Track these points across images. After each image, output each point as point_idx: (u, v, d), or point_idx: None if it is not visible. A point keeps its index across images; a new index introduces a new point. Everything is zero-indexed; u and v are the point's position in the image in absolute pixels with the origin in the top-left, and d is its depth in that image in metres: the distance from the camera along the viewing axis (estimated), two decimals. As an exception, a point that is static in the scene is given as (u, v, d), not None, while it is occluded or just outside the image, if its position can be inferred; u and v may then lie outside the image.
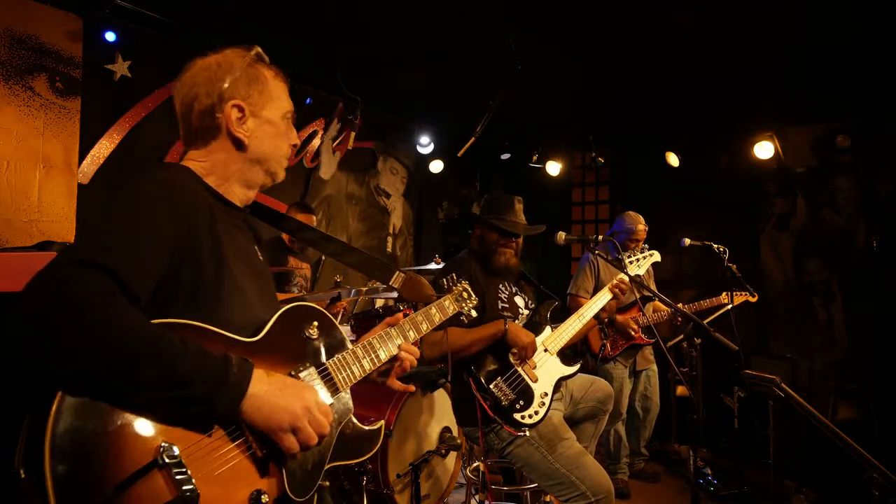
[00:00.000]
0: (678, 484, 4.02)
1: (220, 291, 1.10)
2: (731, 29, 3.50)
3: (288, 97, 1.32)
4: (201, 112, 1.20)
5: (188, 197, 1.10)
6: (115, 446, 0.88)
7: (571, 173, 6.25)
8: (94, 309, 0.87)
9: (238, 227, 1.25)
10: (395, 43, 3.86)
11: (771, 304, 4.84)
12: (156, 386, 0.90)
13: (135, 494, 0.87)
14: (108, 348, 0.87)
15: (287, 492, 1.07)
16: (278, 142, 1.28)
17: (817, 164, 4.72)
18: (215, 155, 1.22)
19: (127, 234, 0.99)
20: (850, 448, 1.70)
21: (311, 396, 1.08)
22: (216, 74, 1.22)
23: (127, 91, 3.41)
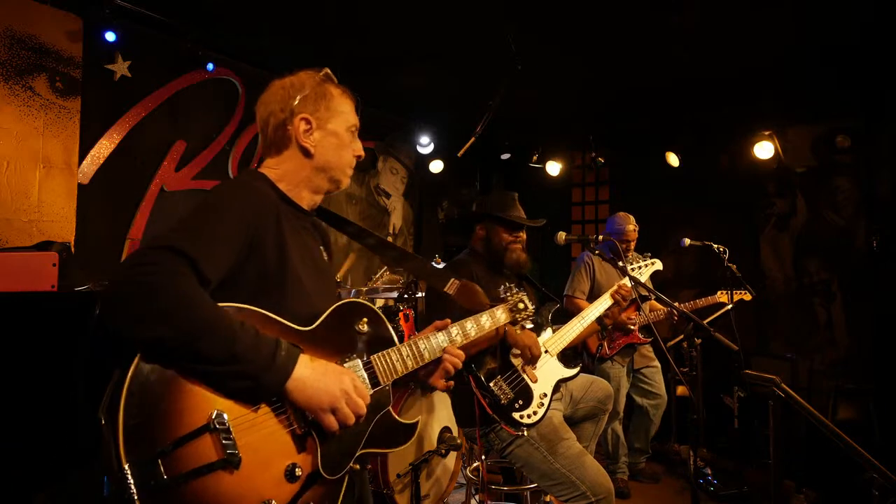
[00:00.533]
0: (678, 484, 4.02)
1: (282, 283, 1.25)
2: (731, 29, 3.50)
3: (353, 112, 1.48)
4: (275, 125, 1.38)
5: (259, 198, 1.27)
6: (176, 407, 1.02)
7: (571, 173, 6.25)
8: (167, 286, 1.02)
9: (305, 229, 1.40)
10: (395, 43, 3.86)
11: (771, 304, 4.85)
12: (213, 359, 1.04)
13: (186, 451, 1.01)
14: (175, 320, 1.01)
15: (319, 468, 1.16)
16: (342, 152, 1.43)
17: (817, 164, 4.72)
18: (287, 163, 1.39)
19: (203, 227, 1.15)
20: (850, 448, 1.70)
21: (348, 381, 1.19)
22: (289, 93, 1.39)
23: (127, 91, 3.41)
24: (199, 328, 1.03)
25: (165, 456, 0.98)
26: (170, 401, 1.02)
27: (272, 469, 1.10)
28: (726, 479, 3.86)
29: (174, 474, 0.98)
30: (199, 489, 1.00)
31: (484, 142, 4.55)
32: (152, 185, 3.54)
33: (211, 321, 1.05)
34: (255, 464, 1.07)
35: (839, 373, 4.41)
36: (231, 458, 1.03)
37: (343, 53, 3.94)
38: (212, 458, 1.02)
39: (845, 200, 4.60)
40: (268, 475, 1.09)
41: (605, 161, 5.49)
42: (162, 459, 0.97)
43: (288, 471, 1.12)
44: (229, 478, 1.03)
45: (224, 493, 1.02)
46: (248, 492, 1.05)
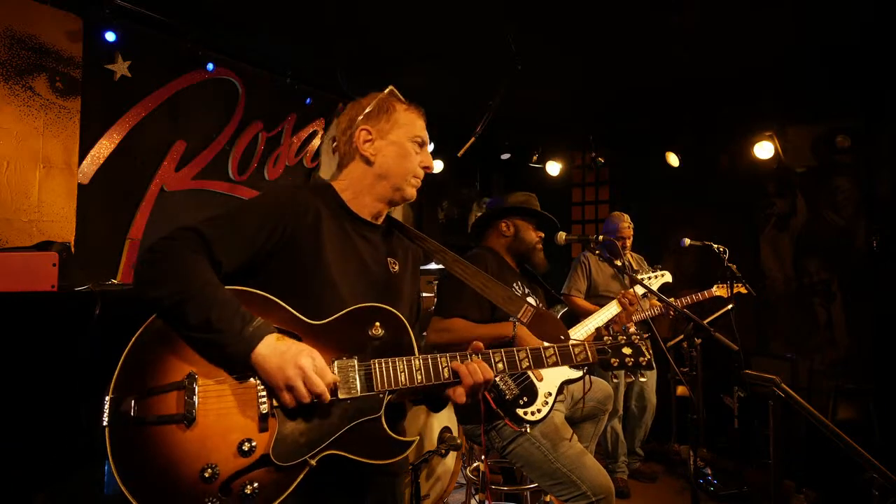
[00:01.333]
0: (678, 484, 4.02)
1: (312, 281, 1.33)
2: (731, 29, 3.51)
3: (420, 126, 1.55)
4: (344, 140, 1.52)
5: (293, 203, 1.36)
6: (164, 362, 1.19)
7: (571, 173, 6.25)
8: (175, 256, 1.20)
9: (362, 237, 1.46)
10: (395, 43, 3.86)
11: (771, 304, 4.85)
12: (192, 325, 1.16)
13: (157, 399, 1.16)
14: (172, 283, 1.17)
15: (269, 452, 1.17)
16: (403, 161, 1.49)
17: (817, 164, 4.72)
18: (353, 173, 1.50)
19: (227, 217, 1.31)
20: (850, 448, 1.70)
21: (306, 361, 1.20)
22: (356, 110, 1.52)
23: (127, 91, 3.41)
24: (187, 292, 1.16)
25: (140, 398, 1.14)
26: (161, 355, 1.18)
27: (227, 439, 1.16)
28: (726, 479, 3.86)
29: (140, 415, 1.13)
30: (156, 435, 1.13)
31: (484, 142, 4.55)
32: (152, 185, 3.54)
33: (200, 289, 1.18)
34: (212, 428, 1.16)
35: (839, 373, 4.41)
36: (187, 416, 1.14)
37: (343, 53, 3.94)
38: (171, 411, 1.15)
39: (845, 200, 4.60)
40: (222, 443, 1.16)
41: (605, 161, 5.49)
42: (136, 400, 1.13)
43: (241, 444, 1.16)
44: (183, 434, 1.14)
45: (175, 446, 1.13)
46: (197, 452, 1.14)
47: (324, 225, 1.36)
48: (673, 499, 3.80)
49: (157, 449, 1.12)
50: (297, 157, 4.48)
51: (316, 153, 4.70)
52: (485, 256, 2.50)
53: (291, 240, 1.32)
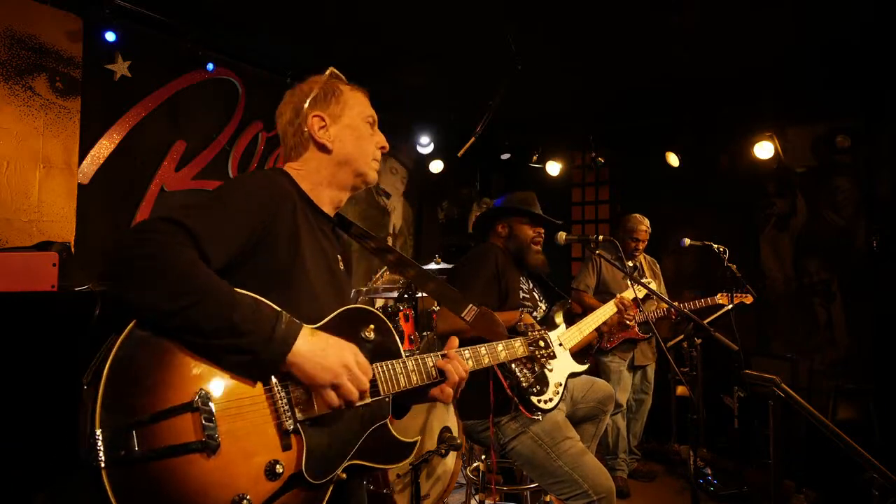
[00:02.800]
0: (678, 484, 4.02)
1: (290, 279, 1.21)
2: (731, 29, 3.51)
3: (368, 105, 1.47)
4: (293, 131, 1.40)
5: (276, 190, 1.25)
6: (162, 380, 0.98)
7: (571, 173, 6.25)
8: (165, 253, 1.00)
9: (323, 232, 1.37)
10: (395, 43, 3.86)
11: (771, 304, 4.85)
12: (209, 330, 1.00)
13: (164, 426, 0.95)
14: (170, 285, 0.98)
15: (303, 469, 1.08)
16: (361, 143, 1.41)
17: (817, 164, 4.72)
18: (308, 164, 1.39)
19: (211, 207, 1.14)
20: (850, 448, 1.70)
21: (350, 355, 1.14)
22: (299, 98, 1.42)
23: (127, 91, 3.41)
24: (195, 294, 0.99)
25: (141, 427, 0.92)
26: (158, 372, 0.98)
27: (252, 463, 1.03)
28: (726, 479, 3.86)
29: (147, 448, 0.92)
30: (171, 469, 0.94)
31: (484, 142, 4.55)
32: (152, 185, 3.54)
33: (208, 288, 1.01)
34: (235, 453, 1.00)
35: (839, 373, 4.41)
36: (209, 442, 0.97)
37: (343, 53, 3.94)
38: (189, 438, 0.96)
39: (845, 200, 4.60)
40: (246, 468, 1.02)
41: (605, 161, 5.49)
42: (137, 430, 0.92)
43: (269, 467, 1.04)
44: (204, 463, 0.97)
45: (196, 478, 0.96)
46: (223, 481, 0.98)
47: (299, 216, 1.26)
48: (673, 499, 3.80)
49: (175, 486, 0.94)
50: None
51: (316, 153, 4.70)
52: (493, 249, 2.55)
53: (272, 232, 1.19)
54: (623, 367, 3.92)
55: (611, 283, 4.02)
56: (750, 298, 3.85)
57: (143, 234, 1.02)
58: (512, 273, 2.51)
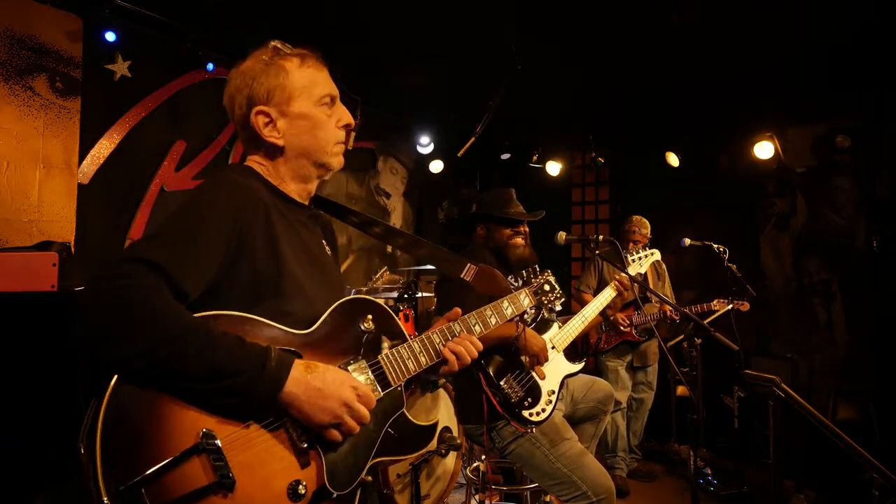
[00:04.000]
0: (678, 484, 4.02)
1: (278, 285, 1.14)
2: (731, 29, 3.50)
3: (323, 80, 1.28)
4: (242, 124, 1.26)
5: (243, 195, 1.15)
6: (160, 430, 0.93)
7: (571, 173, 6.25)
8: (138, 301, 0.94)
9: (301, 223, 1.28)
10: (395, 43, 3.86)
11: (771, 304, 4.85)
12: (194, 376, 0.95)
13: (173, 476, 0.92)
14: (148, 337, 0.93)
15: (326, 484, 1.06)
16: (317, 132, 1.26)
17: (817, 164, 4.72)
18: (265, 159, 1.27)
19: (180, 234, 1.05)
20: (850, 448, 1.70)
21: (348, 393, 1.08)
22: (243, 83, 1.25)
23: (127, 91, 3.41)
24: (174, 343, 0.94)
25: (150, 484, 0.89)
26: (152, 423, 0.93)
27: (273, 488, 1.00)
28: (726, 479, 3.86)
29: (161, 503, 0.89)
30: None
31: (484, 142, 4.55)
32: (152, 185, 3.54)
33: (187, 334, 0.96)
34: (253, 484, 0.98)
35: (839, 373, 4.41)
36: (223, 481, 0.94)
37: (343, 53, 3.94)
38: (202, 483, 0.93)
39: (845, 200, 4.60)
40: (269, 495, 0.99)
41: (605, 161, 5.49)
42: (146, 488, 0.88)
43: (291, 489, 1.01)
44: (223, 502, 0.94)
45: None
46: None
47: (273, 216, 1.17)
48: (673, 499, 3.80)
49: None
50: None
51: (316, 153, 4.70)
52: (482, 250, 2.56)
53: (249, 240, 1.12)
54: (621, 366, 3.94)
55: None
56: (746, 306, 3.88)
57: (112, 283, 0.95)
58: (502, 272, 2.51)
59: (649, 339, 3.98)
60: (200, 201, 1.13)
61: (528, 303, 1.66)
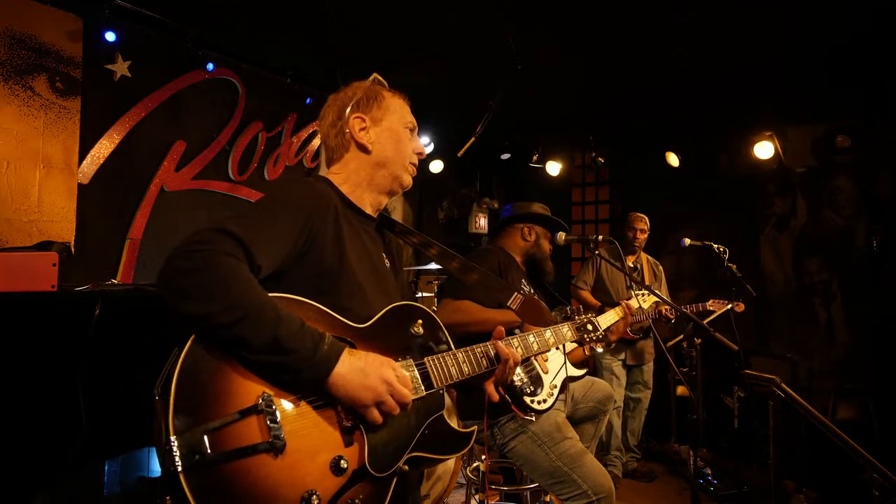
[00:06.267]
0: (678, 484, 4.02)
1: (339, 281, 1.25)
2: (731, 29, 3.51)
3: (408, 112, 1.51)
4: (335, 132, 1.44)
5: (317, 196, 1.29)
6: (226, 388, 1.03)
7: (571, 173, 6.25)
8: (217, 264, 1.03)
9: (366, 233, 1.41)
10: (395, 43, 3.86)
11: (771, 304, 4.85)
12: (254, 346, 1.03)
13: (232, 430, 1.00)
14: (221, 297, 1.01)
15: (366, 464, 1.13)
16: (400, 147, 1.45)
17: (817, 164, 4.72)
18: (349, 166, 1.43)
19: (259, 216, 1.18)
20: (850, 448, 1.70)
21: (389, 373, 1.16)
22: (343, 101, 1.46)
23: (127, 91, 3.41)
24: (243, 309, 1.02)
25: (212, 433, 0.97)
26: (220, 381, 1.03)
27: (317, 460, 1.08)
28: (726, 479, 3.86)
29: (219, 451, 0.97)
30: (243, 470, 0.99)
31: (484, 142, 4.55)
32: (152, 185, 3.54)
33: (256, 304, 1.04)
34: (301, 452, 1.05)
35: (839, 373, 4.41)
36: (275, 443, 1.02)
37: (343, 53, 3.94)
38: (256, 440, 1.01)
39: (845, 200, 4.60)
40: (313, 465, 1.07)
41: (605, 161, 5.49)
42: (208, 435, 0.97)
43: (334, 463, 1.09)
44: (273, 462, 1.02)
45: (267, 478, 1.01)
46: (292, 479, 1.03)
47: (342, 221, 1.30)
48: (673, 499, 3.80)
49: (248, 486, 0.99)
50: (297, 157, 4.48)
51: (316, 153, 4.70)
52: (495, 251, 2.59)
53: (318, 240, 1.24)
54: (616, 364, 3.96)
55: (609, 283, 4.09)
56: (742, 306, 3.89)
57: (195, 246, 1.04)
58: (515, 273, 2.54)
59: (645, 338, 4.00)
60: (279, 195, 1.26)
61: (570, 336, 1.75)
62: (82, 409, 2.03)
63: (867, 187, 4.47)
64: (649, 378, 4.12)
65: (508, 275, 2.47)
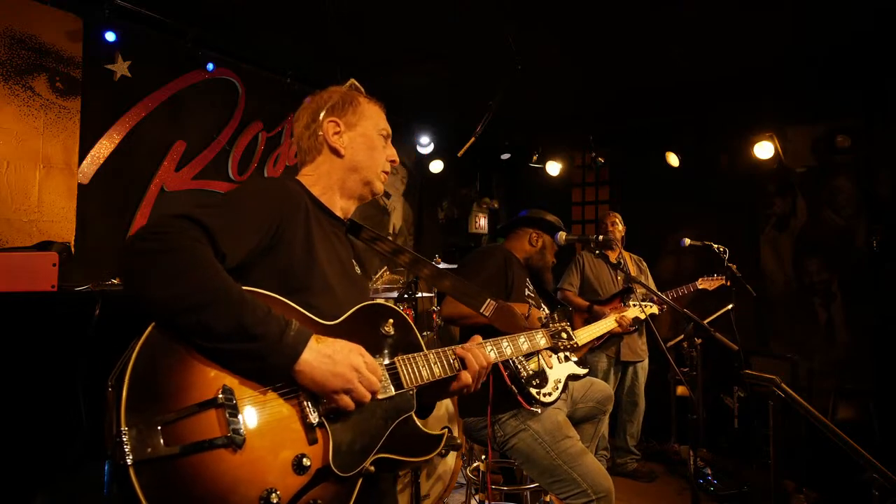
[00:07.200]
0: (678, 484, 4.02)
1: (308, 279, 1.23)
2: (731, 29, 3.50)
3: (383, 119, 1.51)
4: (308, 134, 1.44)
5: (289, 193, 1.29)
6: (184, 378, 0.98)
7: (571, 173, 6.25)
8: (181, 248, 1.01)
9: (336, 236, 1.40)
10: (395, 43, 3.86)
11: (771, 304, 4.85)
12: (219, 333, 0.99)
13: (189, 423, 0.96)
14: (184, 282, 0.98)
15: (330, 463, 1.09)
16: (373, 153, 1.45)
17: (817, 164, 4.72)
18: (320, 168, 1.43)
19: (226, 206, 1.16)
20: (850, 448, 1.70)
21: (358, 359, 1.14)
22: (318, 104, 1.46)
23: (127, 91, 3.41)
24: (208, 293, 1.00)
25: (167, 425, 0.93)
26: (179, 371, 0.98)
27: (279, 457, 1.03)
28: (726, 479, 3.86)
29: (173, 445, 0.93)
30: (198, 465, 0.94)
31: (484, 142, 4.55)
32: (152, 185, 3.54)
33: (223, 290, 1.02)
34: (261, 448, 1.02)
35: (839, 373, 4.41)
36: (234, 438, 0.97)
37: (343, 53, 3.94)
38: (214, 434, 0.96)
39: (845, 200, 4.60)
40: (274, 462, 1.03)
41: (605, 161, 5.49)
42: (163, 428, 0.92)
43: (296, 461, 1.05)
44: (231, 458, 0.97)
45: (224, 474, 0.96)
46: (251, 476, 0.99)
47: (312, 220, 1.29)
48: (673, 499, 3.80)
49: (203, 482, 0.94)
50: (296, 157, 4.48)
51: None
52: (500, 250, 2.60)
53: (286, 235, 1.22)
54: (605, 363, 3.98)
55: (595, 282, 4.12)
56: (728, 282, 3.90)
57: (159, 230, 1.02)
58: (518, 272, 2.55)
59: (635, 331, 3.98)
60: (249, 188, 1.28)
61: (545, 343, 1.76)
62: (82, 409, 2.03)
63: (867, 187, 4.47)
64: (643, 378, 4.11)
65: (510, 273, 2.48)
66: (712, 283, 3.96)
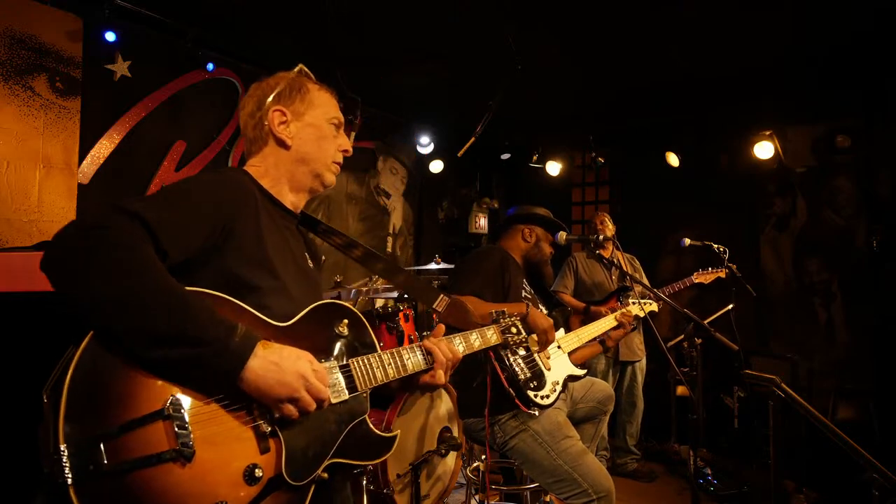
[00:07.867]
0: (678, 484, 4.02)
1: (259, 278, 1.17)
2: (731, 29, 3.50)
3: (334, 105, 1.41)
4: (253, 123, 1.35)
5: (237, 188, 1.21)
6: (129, 389, 0.92)
7: (571, 173, 6.25)
8: (117, 244, 0.93)
9: (288, 230, 1.34)
10: (395, 43, 3.86)
11: (771, 304, 4.85)
12: (160, 336, 0.93)
13: (134, 437, 0.90)
14: (124, 282, 0.92)
15: (283, 472, 1.06)
16: (322, 143, 1.37)
17: (817, 164, 4.72)
18: (268, 159, 1.35)
19: (168, 200, 1.09)
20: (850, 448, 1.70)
21: (305, 366, 1.08)
22: (264, 91, 1.36)
23: (127, 91, 3.41)
24: (148, 295, 0.92)
25: (110, 440, 0.87)
26: (122, 381, 0.92)
27: (230, 468, 0.99)
28: (726, 479, 3.86)
29: (117, 461, 0.87)
30: (145, 481, 0.89)
31: (484, 142, 4.55)
32: (152, 186, 3.54)
33: (163, 291, 0.94)
34: (212, 460, 0.97)
35: (839, 373, 4.41)
36: (183, 450, 0.92)
37: (343, 53, 3.94)
38: (162, 448, 0.91)
39: (845, 200, 4.60)
40: (224, 474, 0.98)
41: (605, 161, 5.49)
42: (105, 443, 0.86)
43: (247, 472, 1.01)
44: (180, 472, 0.92)
45: (173, 489, 0.91)
46: (201, 490, 0.94)
47: (262, 214, 1.22)
48: (673, 499, 3.80)
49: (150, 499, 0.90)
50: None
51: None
52: (496, 250, 2.59)
53: (236, 230, 1.15)
54: (604, 364, 3.97)
55: (589, 283, 4.12)
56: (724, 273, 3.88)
57: (96, 227, 0.94)
58: (515, 272, 2.55)
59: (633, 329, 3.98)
60: (194, 181, 1.20)
61: (496, 339, 1.71)
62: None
63: (867, 187, 4.47)
64: (641, 379, 4.10)
65: (508, 273, 2.48)
66: (708, 277, 3.93)
